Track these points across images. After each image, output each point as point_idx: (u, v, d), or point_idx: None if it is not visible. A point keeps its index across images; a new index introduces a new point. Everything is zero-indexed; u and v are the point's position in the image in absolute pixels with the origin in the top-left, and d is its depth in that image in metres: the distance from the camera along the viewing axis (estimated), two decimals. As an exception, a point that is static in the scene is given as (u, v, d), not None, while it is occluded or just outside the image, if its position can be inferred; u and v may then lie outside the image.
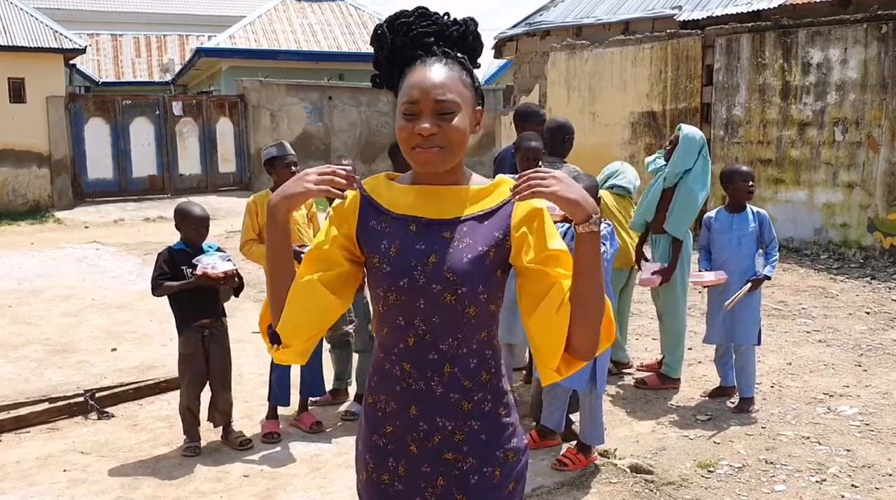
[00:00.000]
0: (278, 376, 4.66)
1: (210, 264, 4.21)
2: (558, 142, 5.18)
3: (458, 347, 1.73)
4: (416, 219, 1.75)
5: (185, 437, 4.45)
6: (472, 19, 1.80)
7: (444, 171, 1.74)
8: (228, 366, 4.53)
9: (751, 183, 4.93)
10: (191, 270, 4.26)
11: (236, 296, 4.51)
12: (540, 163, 4.83)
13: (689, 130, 5.23)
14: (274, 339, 1.79)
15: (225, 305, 4.51)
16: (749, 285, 4.84)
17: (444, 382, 1.74)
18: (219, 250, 4.42)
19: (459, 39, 1.77)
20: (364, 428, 1.87)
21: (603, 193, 5.22)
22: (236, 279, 4.33)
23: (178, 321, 4.40)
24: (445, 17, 1.79)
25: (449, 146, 1.70)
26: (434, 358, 1.74)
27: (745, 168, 5.02)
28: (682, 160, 5.15)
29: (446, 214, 1.75)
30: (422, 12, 1.77)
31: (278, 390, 4.68)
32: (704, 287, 5.17)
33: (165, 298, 4.38)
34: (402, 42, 1.75)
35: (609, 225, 4.16)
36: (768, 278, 4.87)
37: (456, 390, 1.74)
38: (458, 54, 1.76)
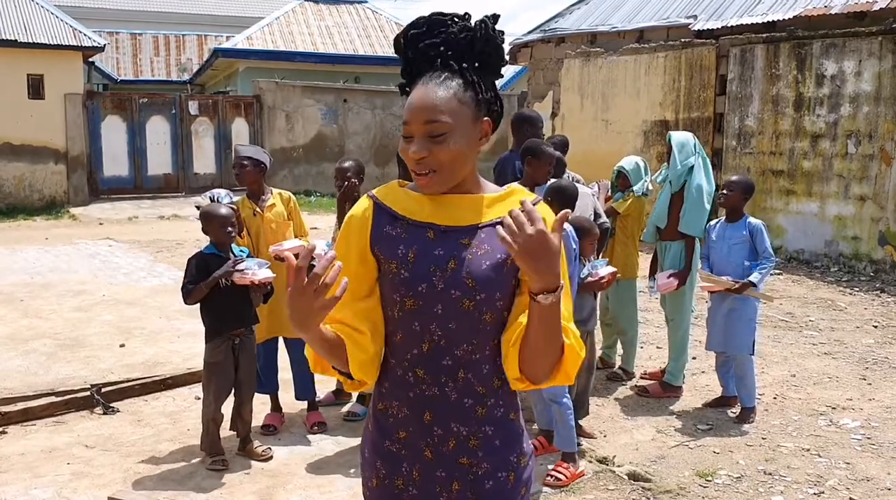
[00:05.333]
0: (264, 366, 4.68)
1: (250, 269, 4.04)
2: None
3: (472, 352, 1.72)
4: (434, 226, 1.73)
5: (206, 452, 4.24)
6: (484, 21, 1.71)
7: (446, 189, 1.72)
8: (255, 374, 4.38)
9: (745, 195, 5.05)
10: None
11: (265, 302, 4.32)
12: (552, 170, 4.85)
13: (677, 134, 5.40)
14: (346, 375, 1.78)
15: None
16: (732, 282, 4.84)
17: (458, 387, 1.73)
18: (250, 255, 4.28)
19: (467, 48, 1.69)
20: (374, 434, 1.85)
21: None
22: (268, 287, 4.20)
23: (208, 329, 4.18)
24: (458, 23, 1.70)
25: (441, 169, 1.68)
26: (448, 364, 1.72)
27: (748, 180, 5.12)
28: (679, 161, 5.24)
29: (463, 222, 1.73)
30: (434, 19, 1.71)
31: (265, 379, 4.69)
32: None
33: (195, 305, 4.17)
34: (412, 55, 1.72)
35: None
36: (753, 284, 4.84)
37: (470, 396, 1.73)
38: (465, 65, 1.69)
